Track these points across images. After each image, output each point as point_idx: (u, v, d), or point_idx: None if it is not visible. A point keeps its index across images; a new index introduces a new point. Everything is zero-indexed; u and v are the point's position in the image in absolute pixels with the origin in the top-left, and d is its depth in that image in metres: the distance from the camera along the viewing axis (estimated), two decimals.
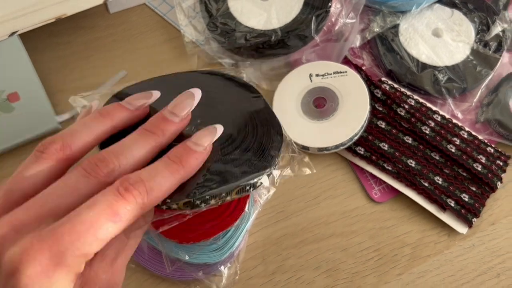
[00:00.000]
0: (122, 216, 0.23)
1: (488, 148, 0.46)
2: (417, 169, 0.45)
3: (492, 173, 0.45)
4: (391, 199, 0.46)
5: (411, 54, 0.48)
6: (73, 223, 0.22)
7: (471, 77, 0.47)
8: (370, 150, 0.46)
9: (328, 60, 0.48)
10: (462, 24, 0.50)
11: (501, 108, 0.47)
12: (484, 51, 0.48)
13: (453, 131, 0.46)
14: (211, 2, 0.49)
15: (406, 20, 0.50)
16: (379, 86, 0.47)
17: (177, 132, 0.29)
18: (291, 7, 0.48)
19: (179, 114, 0.28)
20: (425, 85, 0.47)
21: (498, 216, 0.45)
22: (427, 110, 0.47)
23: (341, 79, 0.46)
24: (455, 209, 0.44)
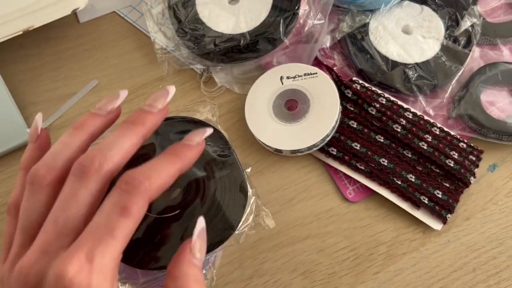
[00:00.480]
0: (133, 212, 0.24)
1: (461, 143, 0.46)
2: (390, 168, 0.45)
3: (465, 168, 0.45)
4: (365, 198, 0.46)
5: (381, 52, 0.48)
6: (92, 232, 0.24)
7: (442, 73, 0.47)
8: (342, 150, 0.46)
9: (299, 61, 0.48)
10: (432, 20, 0.49)
11: (472, 103, 0.47)
12: (454, 46, 0.48)
13: (424, 128, 0.46)
14: (179, 8, 0.48)
15: (376, 19, 0.50)
16: (350, 86, 0.47)
17: (157, 123, 0.29)
18: (259, 11, 0.48)
19: (156, 105, 0.29)
20: (395, 83, 0.47)
21: (473, 211, 0.45)
22: (399, 108, 0.47)
23: (312, 81, 0.46)
24: (429, 206, 0.44)
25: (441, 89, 0.48)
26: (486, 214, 0.45)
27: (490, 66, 0.48)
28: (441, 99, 0.47)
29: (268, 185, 0.46)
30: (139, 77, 0.50)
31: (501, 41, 0.50)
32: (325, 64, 0.49)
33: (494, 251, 0.44)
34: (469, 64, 0.49)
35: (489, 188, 0.46)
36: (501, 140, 0.46)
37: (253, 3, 0.48)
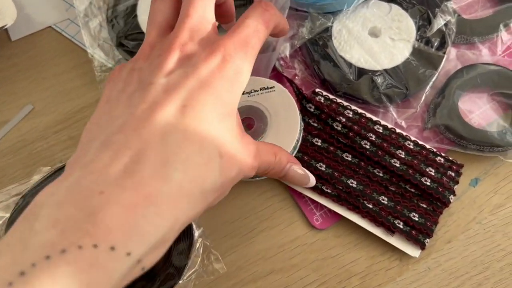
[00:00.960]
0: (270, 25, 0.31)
1: (438, 158, 0.41)
2: (359, 190, 0.40)
3: (443, 186, 0.40)
4: (334, 224, 0.41)
5: (346, 59, 0.43)
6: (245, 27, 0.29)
7: (414, 80, 0.42)
8: None
9: (256, 74, 0.43)
10: (402, 20, 0.44)
11: (449, 111, 0.42)
12: (426, 49, 0.43)
13: (397, 143, 0.41)
14: (119, 20, 0.43)
15: (339, 21, 0.45)
16: (312, 99, 0.42)
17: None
18: None
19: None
20: (363, 93, 0.42)
21: (454, 232, 0.41)
22: (367, 121, 0.42)
23: (269, 96, 0.41)
24: (404, 231, 0.39)
25: (414, 98, 0.43)
26: (470, 235, 0.41)
27: (467, 69, 0.43)
28: (414, 109, 0.42)
29: (225, 215, 0.41)
30: (79, 99, 0.45)
31: (479, 39, 0.45)
32: (285, 76, 0.44)
33: (479, 277, 0.40)
34: (445, 67, 0.44)
35: (471, 205, 0.41)
36: (483, 151, 0.41)
37: None
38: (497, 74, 0.43)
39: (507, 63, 0.44)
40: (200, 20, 0.29)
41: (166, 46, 0.28)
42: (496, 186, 0.42)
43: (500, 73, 0.43)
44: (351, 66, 0.43)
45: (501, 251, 0.40)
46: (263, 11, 0.30)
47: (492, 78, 0.43)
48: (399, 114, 0.42)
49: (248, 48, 0.29)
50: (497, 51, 0.45)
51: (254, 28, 0.30)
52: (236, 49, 0.28)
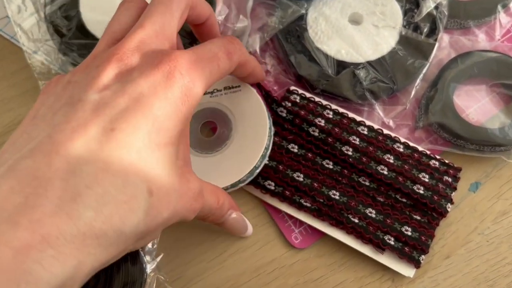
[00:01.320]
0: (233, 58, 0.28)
1: (432, 161, 0.36)
2: (343, 202, 0.34)
3: (439, 194, 0.34)
4: (316, 242, 0.35)
5: (324, 51, 0.38)
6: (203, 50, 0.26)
7: (401, 73, 0.37)
8: (282, 183, 0.35)
9: None
10: (386, 4, 0.39)
11: (443, 107, 0.36)
12: (415, 36, 0.37)
13: (384, 146, 0.35)
14: (59, 19, 0.37)
15: (315, 8, 0.39)
16: (287, 99, 0.37)
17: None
18: None
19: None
20: (344, 90, 0.36)
21: (453, 246, 0.35)
22: (350, 122, 0.36)
23: (234, 96, 0.35)
24: (396, 248, 0.34)
25: (403, 93, 0.37)
26: (471, 249, 0.36)
27: (462, 58, 0.38)
28: (404, 106, 0.37)
29: (189, 237, 0.36)
30: (20, 109, 0.39)
31: (475, 23, 0.39)
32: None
33: None
34: (437, 56, 0.39)
35: (472, 214, 0.36)
36: (483, 151, 0.36)
37: None
38: (496, 62, 0.38)
39: (507, 49, 0.39)
40: (155, 34, 0.25)
41: (106, 56, 0.24)
42: (499, 191, 0.37)
43: (500, 61, 0.38)
44: (329, 59, 0.37)
45: (507, 265, 0.35)
46: (227, 42, 0.28)
47: (490, 67, 0.38)
48: (386, 112, 0.37)
49: (204, 71, 0.25)
50: (496, 35, 0.40)
51: (214, 53, 0.26)
52: (189, 67, 0.24)
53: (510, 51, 0.39)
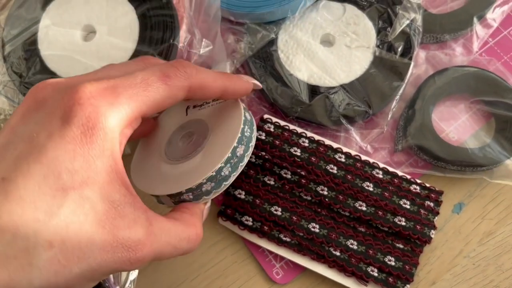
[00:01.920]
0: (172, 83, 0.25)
1: (413, 186, 0.34)
2: (323, 235, 0.33)
3: (421, 223, 0.33)
4: (298, 277, 0.34)
5: (296, 76, 0.36)
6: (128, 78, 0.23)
7: (377, 95, 0.35)
8: (260, 218, 0.34)
9: None
10: (359, 23, 0.37)
11: (421, 127, 0.35)
12: (389, 56, 0.36)
13: (362, 173, 0.34)
14: (19, 60, 0.35)
15: (285, 31, 0.37)
16: (261, 128, 0.35)
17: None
18: (121, 46, 0.35)
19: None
20: (318, 117, 0.35)
21: (439, 271, 0.34)
22: (326, 150, 0.35)
23: (219, 107, 0.33)
24: (379, 280, 0.32)
25: (380, 116, 0.36)
26: (457, 273, 0.34)
27: (439, 75, 0.36)
28: (381, 129, 0.36)
29: (167, 278, 0.34)
30: None
31: (451, 37, 0.38)
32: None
33: None
34: (413, 74, 0.37)
35: (456, 236, 0.35)
36: (464, 173, 0.35)
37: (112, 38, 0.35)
38: (474, 78, 0.36)
39: (485, 63, 0.38)
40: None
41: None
42: (483, 211, 0.35)
43: (478, 76, 0.36)
44: (302, 84, 0.36)
45: None
46: (167, 66, 0.25)
47: (469, 82, 0.36)
48: (363, 136, 0.36)
49: (121, 97, 0.22)
50: (473, 48, 0.38)
51: (142, 78, 0.23)
52: (94, 96, 0.21)
53: (489, 64, 0.38)
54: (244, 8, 0.36)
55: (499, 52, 0.39)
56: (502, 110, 0.36)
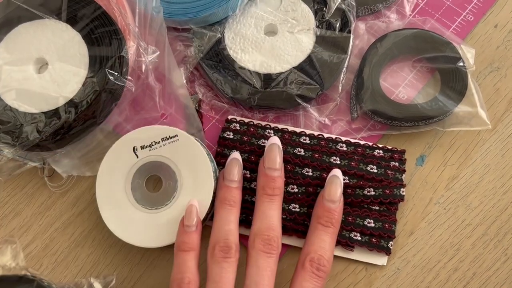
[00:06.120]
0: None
1: (376, 151, 0.35)
2: (304, 213, 0.33)
3: (390, 187, 0.33)
4: (288, 251, 0.34)
5: (248, 68, 0.36)
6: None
7: (325, 71, 0.35)
8: (243, 210, 0.33)
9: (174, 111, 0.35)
10: (296, 8, 0.37)
11: (372, 93, 0.35)
12: (330, 33, 0.36)
13: (328, 150, 0.34)
14: None
15: (230, 29, 0.37)
16: (228, 128, 0.35)
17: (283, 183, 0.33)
18: (75, 70, 0.34)
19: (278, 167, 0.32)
20: (276, 102, 0.35)
21: (414, 221, 0.35)
22: (291, 136, 0.35)
23: (174, 146, 0.33)
24: (363, 242, 0.33)
25: (332, 89, 0.36)
26: (431, 220, 0.35)
27: (380, 42, 0.37)
28: (335, 101, 0.36)
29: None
30: None
31: (384, 6, 0.38)
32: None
33: (453, 262, 0.34)
34: (357, 46, 0.37)
35: (424, 187, 0.35)
36: (418, 127, 0.35)
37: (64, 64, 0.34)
38: (413, 38, 0.37)
39: (420, 22, 0.38)
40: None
41: None
42: (444, 158, 0.36)
43: (416, 35, 0.37)
44: (255, 75, 0.36)
45: (468, 226, 0.35)
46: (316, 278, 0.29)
47: (409, 44, 0.37)
48: (321, 112, 0.36)
49: None
50: (406, 12, 0.39)
51: None
52: None
53: (424, 23, 0.38)
54: (186, 14, 0.36)
55: (430, 11, 0.39)
56: (443, 63, 0.36)
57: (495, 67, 0.38)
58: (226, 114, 0.37)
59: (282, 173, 0.32)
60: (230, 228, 0.30)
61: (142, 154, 0.33)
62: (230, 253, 0.29)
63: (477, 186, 0.35)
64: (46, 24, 0.36)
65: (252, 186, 0.34)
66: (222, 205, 0.31)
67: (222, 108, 0.37)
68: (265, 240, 0.29)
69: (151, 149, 0.33)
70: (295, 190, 0.33)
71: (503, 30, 0.39)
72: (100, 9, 0.35)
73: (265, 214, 0.30)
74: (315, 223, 0.31)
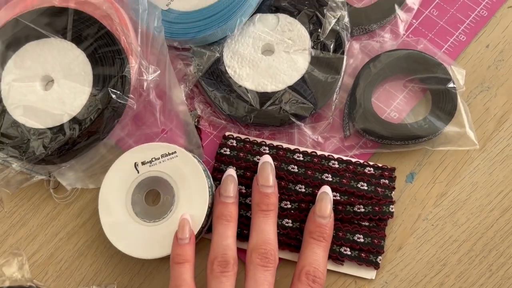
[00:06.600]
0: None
1: (367, 169, 0.36)
2: (296, 228, 0.34)
3: (379, 204, 0.34)
4: (279, 266, 0.36)
5: (245, 87, 0.37)
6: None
7: (319, 90, 0.36)
8: (239, 225, 0.35)
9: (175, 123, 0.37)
10: (293, 29, 0.38)
11: (364, 112, 0.36)
12: (324, 54, 0.37)
13: (320, 167, 0.35)
14: None
15: (228, 48, 0.38)
16: (225, 144, 0.36)
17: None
18: (80, 89, 0.35)
19: (271, 183, 0.33)
20: (271, 120, 0.36)
21: (403, 237, 0.36)
22: (285, 152, 0.36)
23: (172, 163, 0.34)
24: (353, 257, 0.34)
25: (325, 108, 0.37)
26: (419, 235, 0.36)
27: (373, 62, 0.38)
28: (328, 120, 0.37)
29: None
30: None
31: (378, 26, 0.39)
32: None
33: (439, 277, 0.35)
34: (351, 65, 0.38)
35: (413, 203, 0.37)
36: (408, 146, 0.36)
37: (69, 82, 0.36)
38: (405, 59, 0.38)
39: (414, 43, 0.39)
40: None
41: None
42: (433, 175, 0.37)
43: (408, 56, 0.38)
44: (252, 93, 0.37)
45: (454, 242, 0.36)
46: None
47: (401, 64, 0.38)
48: (314, 130, 0.37)
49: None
50: (400, 32, 0.40)
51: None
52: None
53: (417, 43, 0.39)
54: (186, 34, 0.37)
55: (424, 31, 0.40)
56: (434, 84, 0.37)
57: (486, 86, 0.39)
58: (224, 130, 0.38)
59: (275, 189, 0.33)
60: (228, 243, 0.31)
61: (143, 169, 0.34)
62: (228, 268, 0.30)
63: (464, 203, 0.36)
64: (52, 42, 0.37)
65: (247, 201, 0.35)
66: (219, 221, 0.32)
67: (220, 124, 0.38)
68: (262, 254, 0.30)
69: (151, 165, 0.34)
70: (288, 206, 0.35)
71: (495, 50, 0.40)
72: (104, 29, 0.36)
73: (261, 229, 0.32)
74: (308, 238, 0.32)
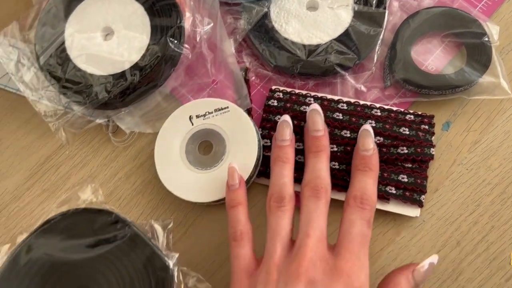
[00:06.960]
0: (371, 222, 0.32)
1: (407, 116, 0.38)
2: (343, 169, 0.37)
3: (420, 146, 0.37)
4: None
5: (292, 40, 0.40)
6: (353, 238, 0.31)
7: (362, 42, 0.39)
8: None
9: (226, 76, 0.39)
10: None
11: (404, 64, 0.39)
12: (367, 9, 0.39)
13: (364, 115, 0.37)
14: (53, 66, 0.39)
15: (275, 4, 0.41)
16: (272, 97, 0.39)
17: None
18: (139, 38, 0.38)
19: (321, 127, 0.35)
20: (316, 69, 0.39)
21: (439, 179, 0.38)
22: (330, 103, 0.38)
23: (224, 117, 0.37)
24: (398, 195, 0.36)
25: (367, 60, 0.39)
26: (454, 179, 0.38)
27: (412, 18, 0.40)
28: (370, 70, 0.39)
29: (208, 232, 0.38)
30: (41, 150, 0.41)
31: None
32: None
33: (473, 216, 0.37)
34: (390, 21, 0.41)
35: (449, 149, 0.39)
36: (445, 95, 0.39)
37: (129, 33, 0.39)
38: (442, 16, 0.40)
39: (449, 1, 0.41)
40: (318, 239, 0.30)
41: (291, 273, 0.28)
42: (467, 125, 0.39)
43: (445, 13, 0.40)
44: (298, 45, 0.39)
45: (487, 185, 0.38)
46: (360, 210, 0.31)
47: (438, 21, 0.40)
48: (357, 79, 0.39)
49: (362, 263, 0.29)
50: None
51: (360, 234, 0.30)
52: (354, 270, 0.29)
53: (452, 2, 0.41)
54: None
55: None
56: (469, 38, 0.40)
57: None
58: (270, 81, 0.40)
59: (326, 132, 0.35)
60: (284, 181, 0.33)
61: (197, 122, 0.37)
62: (283, 202, 0.32)
63: (497, 150, 0.39)
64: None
65: (295, 147, 0.38)
66: (276, 163, 0.34)
67: (267, 75, 0.41)
68: (312, 187, 0.32)
69: (205, 118, 0.37)
70: (334, 149, 0.37)
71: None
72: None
73: (313, 168, 0.34)
74: (354, 172, 0.34)
